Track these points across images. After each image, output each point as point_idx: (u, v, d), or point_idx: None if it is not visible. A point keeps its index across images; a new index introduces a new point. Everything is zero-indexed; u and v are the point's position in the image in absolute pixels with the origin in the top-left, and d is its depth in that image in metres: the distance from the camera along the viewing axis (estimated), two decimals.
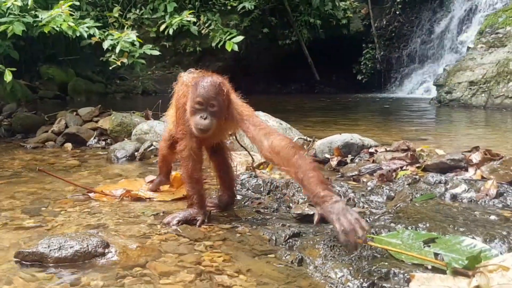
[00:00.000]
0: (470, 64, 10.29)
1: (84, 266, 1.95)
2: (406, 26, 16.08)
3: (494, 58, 9.95)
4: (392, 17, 16.11)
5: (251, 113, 2.41)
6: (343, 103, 12.28)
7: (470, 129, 6.87)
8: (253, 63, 15.40)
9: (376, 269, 1.85)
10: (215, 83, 2.30)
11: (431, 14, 15.55)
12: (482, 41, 10.82)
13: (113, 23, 6.86)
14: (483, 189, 2.74)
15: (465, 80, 10.05)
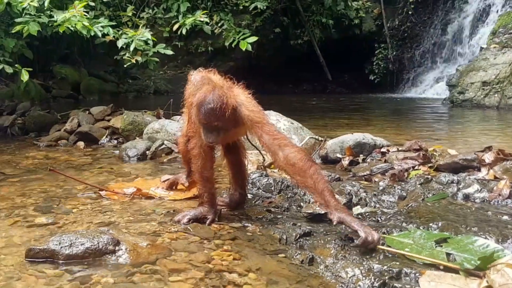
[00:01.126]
0: (483, 64, 10.17)
1: (95, 263, 1.95)
2: (418, 26, 15.93)
3: (507, 59, 9.83)
4: (405, 17, 15.96)
5: (263, 119, 2.33)
6: (355, 103, 12.21)
7: (483, 129, 6.79)
8: (265, 63, 15.38)
9: (387, 269, 1.83)
10: (216, 105, 2.20)
11: (444, 14, 15.40)
12: (495, 41, 10.69)
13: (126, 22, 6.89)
14: (495, 189, 2.71)
15: (478, 80, 9.94)
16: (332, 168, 3.79)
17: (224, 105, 2.21)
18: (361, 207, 2.59)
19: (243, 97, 2.37)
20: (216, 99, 2.21)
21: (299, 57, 15.45)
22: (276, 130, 2.34)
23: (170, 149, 4.64)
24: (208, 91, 2.26)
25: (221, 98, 2.22)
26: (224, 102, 2.22)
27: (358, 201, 2.67)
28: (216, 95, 2.23)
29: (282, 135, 2.34)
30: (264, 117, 2.36)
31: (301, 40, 15.18)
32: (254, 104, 2.39)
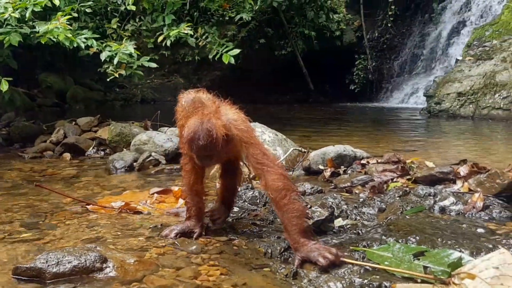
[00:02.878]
0: (458, 76, 10.36)
1: (82, 281, 1.93)
2: (397, 38, 16.19)
3: (481, 70, 10.03)
4: (384, 29, 16.22)
5: (250, 138, 2.28)
6: (336, 112, 12.32)
7: (458, 140, 6.91)
8: (250, 72, 15.44)
9: (367, 283, 1.86)
10: (205, 141, 2.14)
11: (422, 27, 15.68)
12: (470, 53, 10.91)
13: (111, 34, 6.85)
14: (470, 202, 2.76)
15: (454, 91, 10.12)
16: (315, 179, 3.82)
17: (214, 139, 2.15)
18: (343, 219, 2.62)
19: (231, 115, 2.33)
20: (206, 134, 2.14)
21: (283, 67, 15.55)
22: (263, 152, 2.28)
23: (158, 160, 4.63)
24: (196, 126, 2.17)
25: (210, 132, 2.15)
26: (214, 136, 2.15)
27: (340, 213, 2.70)
28: (205, 129, 2.15)
29: (266, 159, 2.26)
30: (251, 137, 2.30)
31: (285, 51, 15.29)
32: (243, 120, 2.35)
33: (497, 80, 9.57)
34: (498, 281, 1.75)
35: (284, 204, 2.13)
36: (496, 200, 2.79)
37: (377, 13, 16.24)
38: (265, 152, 2.29)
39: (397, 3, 15.66)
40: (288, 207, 2.12)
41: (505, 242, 2.19)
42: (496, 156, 5.07)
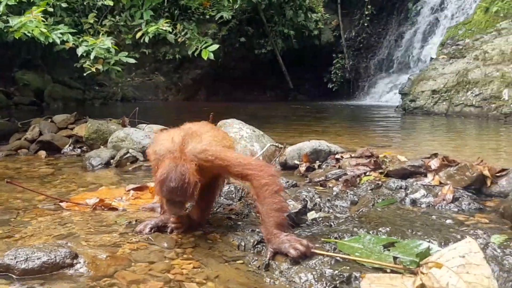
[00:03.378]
0: (432, 74, 10.51)
1: (52, 278, 1.89)
2: (373, 37, 16.36)
3: (455, 69, 10.19)
4: (361, 28, 16.37)
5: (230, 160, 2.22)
6: (314, 110, 12.38)
7: (432, 135, 7.00)
8: (231, 71, 15.44)
9: (338, 273, 1.86)
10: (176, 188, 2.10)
11: (397, 26, 15.86)
12: (444, 52, 11.06)
13: (88, 29, 6.72)
14: (440, 194, 2.79)
15: (428, 89, 10.25)
16: (291, 174, 3.82)
17: (186, 184, 2.11)
18: (316, 212, 2.62)
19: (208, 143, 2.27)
20: (178, 179, 2.10)
21: (263, 66, 15.58)
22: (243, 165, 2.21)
23: (135, 157, 4.57)
24: (170, 169, 2.13)
25: (183, 177, 2.11)
26: (186, 181, 2.11)
27: (313, 206, 2.70)
28: (179, 173, 2.11)
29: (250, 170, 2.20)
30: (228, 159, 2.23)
31: (264, 49, 15.33)
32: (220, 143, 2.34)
33: (469, 78, 9.72)
34: (464, 270, 1.76)
35: (264, 197, 2.13)
36: (466, 193, 2.83)
37: (354, 12, 16.38)
38: (246, 164, 2.22)
39: (374, 3, 15.83)
40: (268, 200, 2.12)
41: (473, 232, 2.22)
42: (468, 151, 5.15)
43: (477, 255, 1.80)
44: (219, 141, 2.38)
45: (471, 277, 1.73)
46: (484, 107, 9.15)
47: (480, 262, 1.77)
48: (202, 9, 13.42)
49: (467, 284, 1.71)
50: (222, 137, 2.49)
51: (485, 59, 9.80)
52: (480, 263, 1.77)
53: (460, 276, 1.73)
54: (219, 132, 2.58)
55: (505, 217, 2.46)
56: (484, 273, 1.73)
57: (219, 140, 2.40)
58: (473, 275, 1.74)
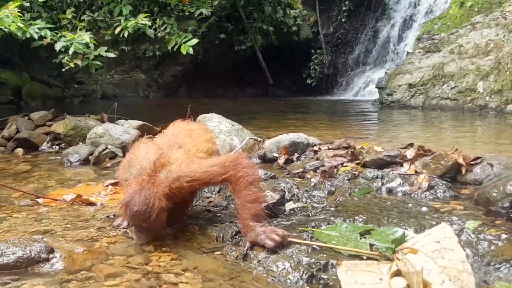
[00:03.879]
0: (409, 68, 10.63)
1: (27, 273, 1.85)
2: (351, 33, 16.47)
3: (431, 62, 10.33)
4: (339, 24, 16.47)
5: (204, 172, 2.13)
6: (294, 105, 12.41)
7: (409, 128, 7.09)
8: (211, 67, 15.36)
9: (315, 261, 1.86)
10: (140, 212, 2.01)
11: (375, 22, 16.00)
12: (420, 46, 11.21)
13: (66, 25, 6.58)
14: (416, 183, 2.82)
15: (405, 83, 10.38)
16: (270, 167, 3.83)
17: (150, 209, 2.01)
18: (294, 202, 2.62)
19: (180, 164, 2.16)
20: (142, 203, 2.02)
21: (243, 62, 15.55)
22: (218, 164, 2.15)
23: (114, 153, 4.50)
24: (134, 192, 2.05)
25: (147, 201, 2.02)
26: (150, 205, 2.01)
27: (291, 197, 2.70)
28: (143, 197, 2.02)
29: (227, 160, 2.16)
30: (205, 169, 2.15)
31: (244, 46, 15.30)
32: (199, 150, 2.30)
33: (445, 71, 9.87)
34: (439, 254, 1.78)
35: (239, 190, 2.09)
36: (441, 181, 2.86)
37: (332, 8, 16.46)
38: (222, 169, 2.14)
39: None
40: (243, 193, 2.08)
41: (448, 219, 2.24)
42: (444, 142, 5.23)
43: (452, 240, 1.81)
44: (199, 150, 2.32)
45: (446, 261, 1.74)
46: (459, 100, 9.30)
47: (454, 247, 1.78)
48: (181, 6, 13.33)
49: (442, 268, 1.72)
50: (204, 140, 2.43)
51: (460, 53, 9.96)
52: (454, 247, 1.78)
53: (435, 261, 1.75)
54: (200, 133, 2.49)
55: (479, 204, 2.49)
56: (458, 257, 1.74)
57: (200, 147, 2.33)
58: (448, 259, 1.75)
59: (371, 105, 11.11)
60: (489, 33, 9.81)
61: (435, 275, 1.68)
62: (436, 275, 1.69)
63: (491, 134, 6.37)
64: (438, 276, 1.69)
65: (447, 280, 1.69)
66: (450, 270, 1.72)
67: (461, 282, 1.68)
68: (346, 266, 1.74)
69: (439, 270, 1.71)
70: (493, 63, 9.12)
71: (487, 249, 1.91)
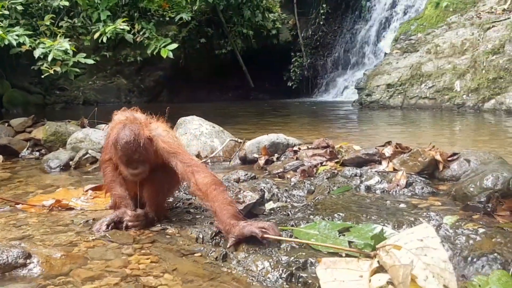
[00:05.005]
0: (387, 68, 10.72)
1: (4, 279, 1.81)
2: (329, 35, 16.58)
3: (408, 62, 10.44)
4: (317, 27, 16.56)
5: (177, 149, 2.33)
6: (275, 108, 12.43)
7: (387, 127, 7.14)
8: (193, 72, 15.28)
9: (294, 260, 1.85)
10: (129, 140, 2.21)
11: (352, 24, 16.13)
12: (397, 47, 11.32)
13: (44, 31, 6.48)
14: (394, 180, 2.83)
15: (383, 83, 10.46)
16: (251, 168, 3.81)
17: (137, 136, 2.22)
18: (273, 202, 2.61)
19: (160, 130, 2.37)
20: (129, 133, 2.22)
21: (224, 66, 15.52)
22: (191, 158, 2.33)
23: (95, 158, 4.43)
24: (120, 128, 2.27)
25: (133, 131, 2.23)
26: (137, 133, 2.23)
27: (271, 197, 2.69)
28: (128, 129, 2.24)
29: (195, 162, 2.33)
30: (179, 148, 2.36)
31: (225, 49, 15.28)
32: (171, 136, 2.40)
33: (422, 71, 9.98)
34: (422, 252, 1.78)
35: (215, 195, 2.15)
36: (419, 177, 2.88)
37: (310, 12, 16.55)
38: (193, 158, 2.37)
39: (329, 2, 16.06)
40: (218, 197, 2.14)
41: (426, 214, 2.25)
42: (423, 140, 5.27)
43: (434, 239, 1.81)
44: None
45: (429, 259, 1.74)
46: (437, 99, 9.41)
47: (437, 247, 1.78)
48: (161, 11, 13.23)
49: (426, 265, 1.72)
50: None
51: (437, 52, 10.09)
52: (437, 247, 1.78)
53: (419, 258, 1.75)
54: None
55: (456, 199, 2.51)
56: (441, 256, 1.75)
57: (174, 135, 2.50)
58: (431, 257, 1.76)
59: (350, 106, 11.17)
60: (465, 32, 9.97)
61: (419, 270, 1.69)
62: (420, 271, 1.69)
63: (469, 131, 6.47)
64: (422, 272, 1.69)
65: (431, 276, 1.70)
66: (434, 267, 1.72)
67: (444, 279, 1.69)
68: (326, 264, 1.73)
69: (423, 266, 1.71)
70: (469, 62, 9.26)
71: (465, 243, 1.92)
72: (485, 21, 9.78)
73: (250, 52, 15.47)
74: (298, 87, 16.31)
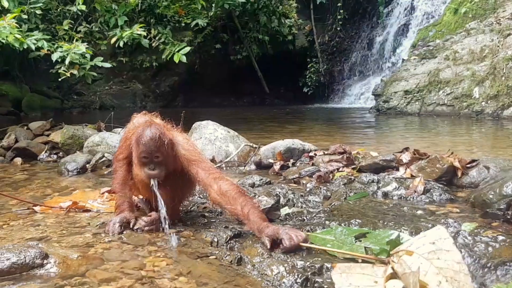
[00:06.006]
0: (404, 75, 10.64)
1: (21, 278, 1.83)
2: (346, 41, 16.53)
3: (426, 69, 10.34)
4: (334, 33, 16.52)
5: (198, 157, 2.37)
6: (290, 113, 12.42)
7: (405, 134, 7.08)
8: (208, 77, 15.37)
9: (309, 265, 1.85)
10: (154, 137, 2.25)
11: (370, 30, 16.06)
12: (415, 53, 11.24)
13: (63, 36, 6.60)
14: (411, 186, 2.81)
15: (401, 90, 10.38)
16: (266, 173, 3.81)
17: (162, 135, 2.26)
18: (289, 207, 2.61)
19: (180, 138, 2.42)
20: (154, 131, 2.26)
21: (239, 72, 15.57)
22: (212, 166, 2.38)
23: (111, 161, 4.49)
24: (146, 126, 2.31)
25: (159, 130, 2.27)
26: (162, 133, 2.27)
27: (286, 202, 2.69)
28: (154, 127, 2.28)
29: (217, 170, 2.39)
30: (200, 156, 2.40)
31: (240, 55, 15.34)
32: (191, 144, 2.44)
33: (440, 77, 9.88)
34: (435, 256, 1.77)
35: (243, 200, 2.19)
36: (437, 184, 2.85)
37: (327, 17, 16.52)
38: (213, 166, 2.43)
39: (346, 7, 16.01)
40: (247, 201, 2.19)
41: (444, 221, 2.23)
42: (440, 147, 5.21)
43: (447, 241, 1.80)
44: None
45: (441, 262, 1.73)
46: (455, 106, 9.30)
47: (450, 248, 1.77)
48: (177, 17, 13.37)
49: (438, 269, 1.71)
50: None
51: (455, 59, 9.98)
52: (450, 248, 1.77)
53: (431, 262, 1.74)
54: None
55: (475, 206, 2.49)
56: (454, 258, 1.73)
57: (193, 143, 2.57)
58: (444, 260, 1.74)
59: (367, 113, 11.10)
60: (484, 38, 9.84)
61: (432, 276, 1.67)
62: (433, 276, 1.68)
63: (488, 138, 6.38)
64: (435, 277, 1.68)
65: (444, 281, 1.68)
66: (447, 271, 1.70)
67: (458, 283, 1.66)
68: (341, 269, 1.73)
69: (435, 271, 1.70)
70: (489, 68, 9.13)
71: (484, 251, 1.90)
72: (505, 27, 9.65)
73: (266, 57, 15.50)
74: (314, 93, 16.28)
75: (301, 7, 16.30)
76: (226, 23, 14.87)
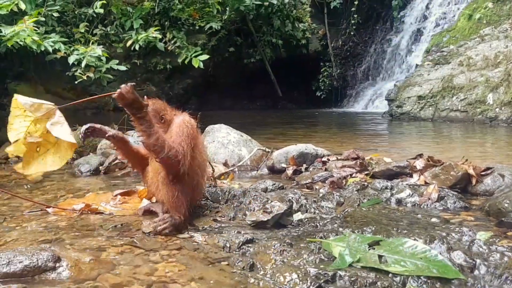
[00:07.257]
0: (418, 80, 10.56)
1: (34, 281, 1.83)
2: (360, 45, 16.45)
3: (440, 74, 10.25)
4: (347, 37, 16.46)
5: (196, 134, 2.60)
6: (303, 117, 12.38)
7: (418, 139, 7.00)
8: (221, 80, 15.41)
9: (323, 272, 1.82)
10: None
11: (383, 34, 15.97)
12: (429, 58, 11.15)
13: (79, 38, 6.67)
14: (425, 194, 2.77)
15: (414, 95, 10.30)
16: (278, 178, 3.79)
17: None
18: (302, 213, 2.58)
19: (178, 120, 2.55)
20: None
21: (253, 75, 15.58)
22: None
23: (124, 163, 4.50)
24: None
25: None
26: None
27: (299, 207, 2.66)
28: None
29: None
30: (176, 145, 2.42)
31: (253, 59, 15.35)
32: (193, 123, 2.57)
33: (454, 83, 9.78)
34: None
35: None
36: (451, 191, 2.81)
37: (340, 22, 16.48)
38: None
39: (360, 12, 15.94)
40: None
41: (458, 230, 2.19)
42: (454, 153, 5.14)
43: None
44: None
45: None
46: (469, 112, 9.19)
47: None
48: (191, 20, 13.42)
49: None
50: None
51: (469, 65, 9.88)
52: None
53: None
54: None
55: (490, 215, 2.44)
56: None
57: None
58: None
59: (380, 117, 11.02)
60: (498, 45, 9.72)
61: None
62: None
63: (503, 145, 6.28)
64: None
65: None
66: None
67: None
68: None
69: None
70: (503, 75, 9.01)
71: (499, 260, 1.86)
72: None
73: (279, 61, 15.49)
74: (327, 97, 16.22)
75: (315, 12, 16.27)
76: (240, 26, 14.89)
